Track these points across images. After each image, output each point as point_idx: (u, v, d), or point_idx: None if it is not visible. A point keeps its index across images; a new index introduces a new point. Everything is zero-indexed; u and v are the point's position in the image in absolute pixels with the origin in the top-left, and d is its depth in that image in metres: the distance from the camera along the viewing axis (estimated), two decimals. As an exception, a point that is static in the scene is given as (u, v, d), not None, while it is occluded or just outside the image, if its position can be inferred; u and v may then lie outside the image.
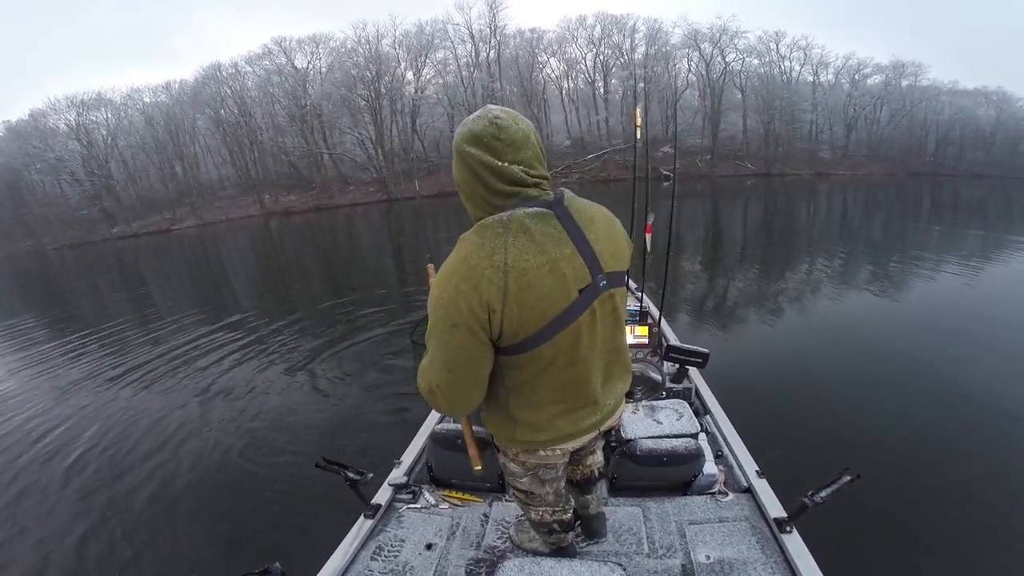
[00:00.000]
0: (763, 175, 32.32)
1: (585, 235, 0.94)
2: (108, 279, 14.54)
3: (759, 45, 34.87)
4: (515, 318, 0.88)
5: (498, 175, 0.90)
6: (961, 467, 2.89)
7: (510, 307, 0.87)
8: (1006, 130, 36.78)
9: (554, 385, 1.01)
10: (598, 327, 0.99)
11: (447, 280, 0.89)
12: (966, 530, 2.42)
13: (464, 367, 0.94)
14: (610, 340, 1.06)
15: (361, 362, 5.09)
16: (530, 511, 1.39)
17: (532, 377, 0.99)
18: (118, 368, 5.62)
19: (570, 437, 1.10)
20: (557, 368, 0.98)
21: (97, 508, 3.09)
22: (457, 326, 0.88)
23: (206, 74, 32.19)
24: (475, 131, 0.89)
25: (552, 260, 0.89)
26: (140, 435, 3.98)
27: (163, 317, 7.89)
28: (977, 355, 4.36)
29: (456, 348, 0.91)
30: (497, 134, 0.88)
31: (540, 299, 0.89)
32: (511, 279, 0.86)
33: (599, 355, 1.03)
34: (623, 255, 1.04)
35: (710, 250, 10.51)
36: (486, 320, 0.88)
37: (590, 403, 1.07)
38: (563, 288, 0.91)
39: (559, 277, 0.90)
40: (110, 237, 28.13)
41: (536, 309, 0.89)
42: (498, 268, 0.86)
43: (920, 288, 6.68)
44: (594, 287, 0.94)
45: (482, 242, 0.88)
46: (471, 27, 34.02)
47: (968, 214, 16.46)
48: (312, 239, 18.53)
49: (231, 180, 33.07)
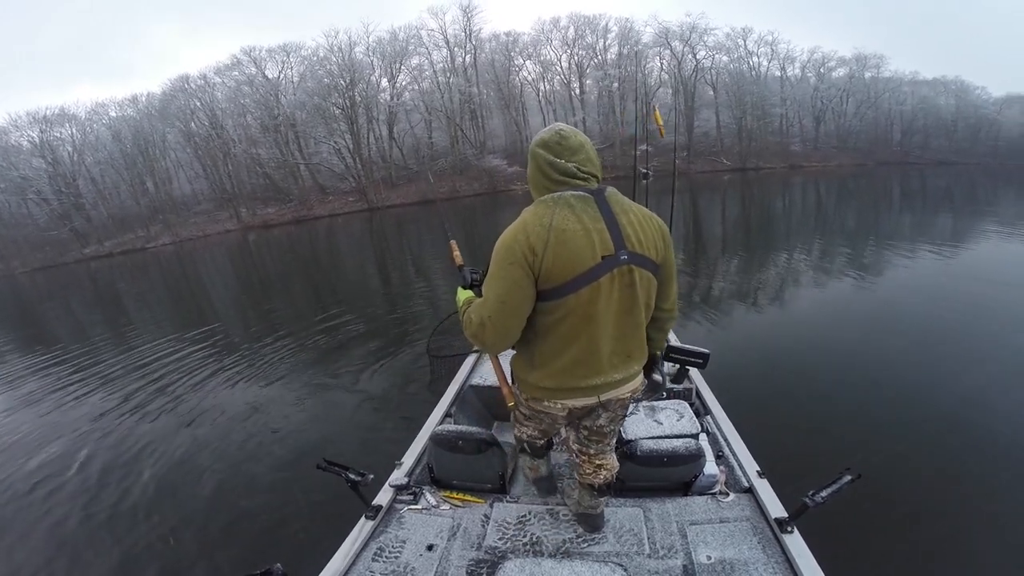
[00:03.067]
0: (739, 170, 32.92)
1: (616, 218, 1.20)
2: (85, 300, 14.10)
3: (728, 42, 35.68)
4: (551, 264, 1.15)
5: (555, 168, 1.22)
6: (962, 466, 2.90)
7: (549, 254, 1.15)
8: (966, 118, 38.25)
9: (571, 335, 1.24)
10: (615, 293, 1.21)
11: (509, 234, 1.20)
12: (967, 529, 2.44)
13: (513, 299, 1.19)
14: (624, 312, 1.25)
15: (360, 367, 5.10)
16: (517, 426, 1.68)
17: (556, 323, 1.23)
18: (114, 381, 5.64)
19: (572, 393, 1.33)
20: (576, 318, 1.21)
21: (100, 513, 3.11)
22: (513, 263, 1.17)
23: (174, 86, 31.42)
24: (544, 138, 1.24)
25: (586, 228, 1.17)
26: (140, 441, 4.02)
27: (152, 331, 7.72)
28: (979, 355, 4.36)
29: (510, 283, 1.18)
30: (560, 141, 1.22)
31: (572, 253, 1.16)
32: (552, 235, 1.15)
33: (612, 320, 1.24)
34: (652, 244, 1.25)
35: (701, 247, 10.55)
36: (533, 260, 1.16)
37: (595, 363, 1.28)
38: (591, 250, 1.17)
39: (588, 241, 1.16)
40: (83, 258, 27.18)
41: (568, 261, 1.16)
42: (544, 227, 1.16)
43: (919, 288, 6.62)
44: (615, 257, 1.19)
45: (537, 210, 1.20)
46: (446, 32, 33.99)
47: (941, 201, 17.01)
48: (292, 250, 18.27)
49: (205, 194, 32.30)
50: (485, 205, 25.13)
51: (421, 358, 4.92)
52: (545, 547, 1.64)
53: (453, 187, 30.83)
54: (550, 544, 1.65)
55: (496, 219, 19.08)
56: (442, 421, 2.34)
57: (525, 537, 1.69)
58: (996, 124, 38.02)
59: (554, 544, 1.65)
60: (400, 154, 33.56)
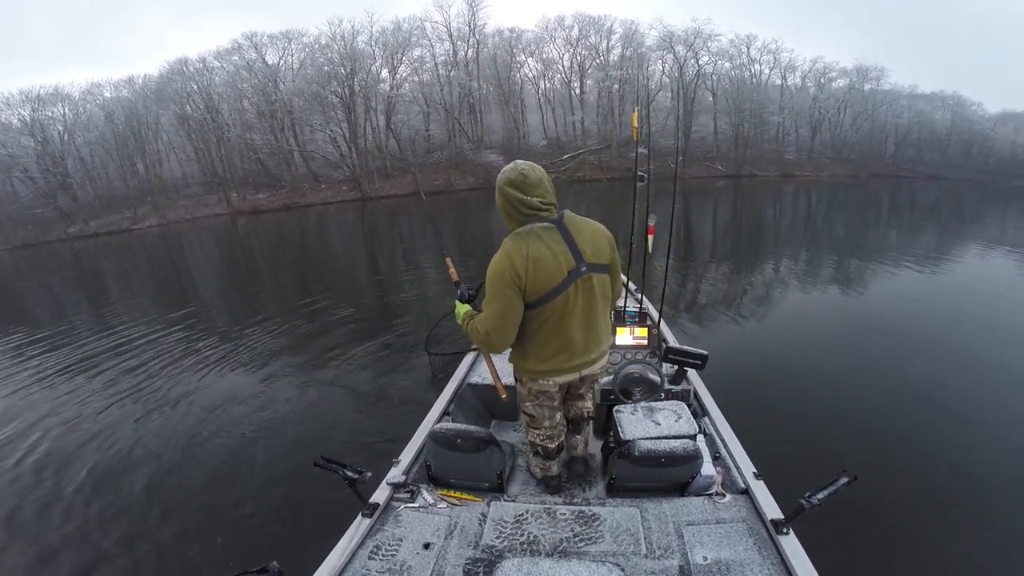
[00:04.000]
0: (733, 176, 33.03)
1: (574, 239, 1.58)
2: (66, 279, 13.84)
3: (731, 48, 35.71)
4: (532, 284, 1.53)
5: (523, 204, 1.57)
6: (959, 468, 2.91)
7: (530, 276, 1.52)
8: (960, 133, 38.68)
9: (552, 332, 1.64)
10: (579, 297, 1.61)
11: (498, 263, 1.55)
12: (964, 531, 2.45)
13: (509, 313, 1.57)
14: (589, 308, 1.65)
15: (358, 363, 5.04)
16: (529, 432, 2.00)
17: (540, 325, 1.63)
18: (106, 371, 5.43)
19: (559, 372, 1.73)
20: (554, 319, 1.61)
21: (94, 509, 3.05)
22: (506, 285, 1.54)
23: (172, 68, 31.02)
24: (511, 177, 1.57)
25: (553, 252, 1.54)
26: (135, 436, 3.94)
27: (147, 319, 7.54)
28: (977, 357, 4.44)
29: (505, 300, 1.56)
30: (523, 179, 1.56)
31: (546, 274, 1.54)
32: (531, 262, 1.52)
33: (580, 316, 1.64)
34: (602, 252, 1.64)
35: (699, 251, 10.65)
36: (519, 282, 1.53)
37: (573, 349, 1.69)
38: (558, 269, 1.55)
39: (556, 263, 1.55)
40: (66, 237, 26.74)
41: (544, 280, 1.54)
42: (524, 256, 1.52)
43: (918, 291, 6.79)
44: (577, 270, 1.58)
45: (515, 243, 1.55)
46: (450, 25, 33.83)
47: (931, 214, 17.18)
48: (280, 237, 18.08)
49: (196, 178, 31.91)
50: (479, 200, 24.98)
51: (418, 353, 4.88)
52: (542, 546, 1.63)
53: (448, 180, 30.72)
54: (547, 544, 1.65)
55: (490, 214, 18.68)
56: (440, 419, 2.35)
57: (522, 536, 1.68)
58: (989, 140, 38.48)
59: (551, 544, 1.65)
60: (396, 145, 33.37)
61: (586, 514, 1.77)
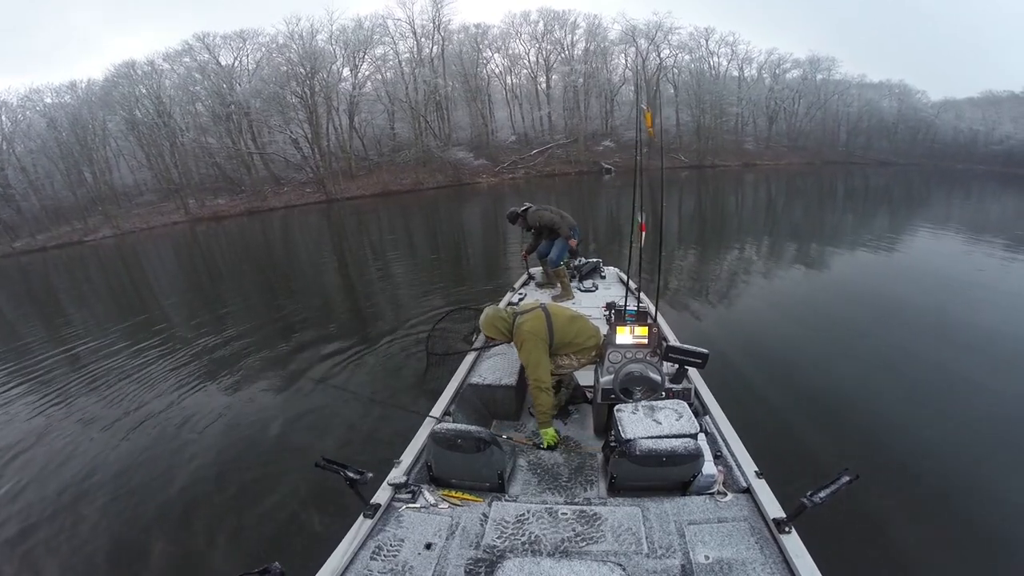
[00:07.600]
0: (696, 167, 33.79)
1: (551, 319, 2.59)
2: (14, 295, 13.03)
3: (691, 41, 36.57)
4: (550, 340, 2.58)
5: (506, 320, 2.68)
6: (960, 467, 2.91)
7: (549, 337, 2.54)
8: (907, 121, 40.70)
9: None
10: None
11: (533, 333, 2.51)
12: (965, 530, 2.46)
13: (543, 359, 2.49)
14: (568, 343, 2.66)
15: (358, 364, 5.01)
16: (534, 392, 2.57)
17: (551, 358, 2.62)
18: (105, 379, 5.34)
19: (569, 367, 2.65)
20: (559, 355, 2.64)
21: (95, 511, 3.05)
22: (543, 341, 2.51)
23: (117, 72, 29.40)
24: (490, 316, 2.69)
25: (545, 329, 2.55)
26: (135, 438, 3.90)
27: (135, 330, 7.25)
28: (978, 356, 4.42)
29: (541, 353, 2.49)
30: (505, 315, 2.68)
31: (549, 337, 2.55)
32: (545, 332, 2.54)
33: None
34: (561, 327, 2.61)
35: (690, 243, 10.60)
36: (547, 341, 2.53)
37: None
38: (550, 335, 2.56)
39: (549, 332, 2.55)
40: (12, 252, 25.12)
41: (550, 338, 2.55)
42: (544, 329, 2.55)
43: (916, 288, 6.67)
44: (551, 336, 2.56)
45: (534, 324, 2.55)
46: (413, 22, 33.29)
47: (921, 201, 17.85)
48: (243, 242, 17.48)
49: (149, 185, 30.45)
50: (448, 197, 24.77)
51: (418, 353, 4.85)
52: (544, 546, 1.63)
53: (416, 179, 30.32)
54: (548, 543, 1.64)
55: (461, 211, 18.74)
56: (441, 419, 2.34)
57: (524, 536, 1.68)
58: (934, 127, 40.63)
59: (552, 543, 1.64)
60: (361, 145, 32.70)
61: (587, 514, 1.76)
